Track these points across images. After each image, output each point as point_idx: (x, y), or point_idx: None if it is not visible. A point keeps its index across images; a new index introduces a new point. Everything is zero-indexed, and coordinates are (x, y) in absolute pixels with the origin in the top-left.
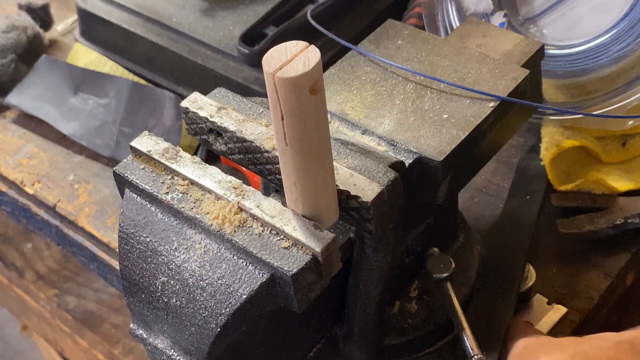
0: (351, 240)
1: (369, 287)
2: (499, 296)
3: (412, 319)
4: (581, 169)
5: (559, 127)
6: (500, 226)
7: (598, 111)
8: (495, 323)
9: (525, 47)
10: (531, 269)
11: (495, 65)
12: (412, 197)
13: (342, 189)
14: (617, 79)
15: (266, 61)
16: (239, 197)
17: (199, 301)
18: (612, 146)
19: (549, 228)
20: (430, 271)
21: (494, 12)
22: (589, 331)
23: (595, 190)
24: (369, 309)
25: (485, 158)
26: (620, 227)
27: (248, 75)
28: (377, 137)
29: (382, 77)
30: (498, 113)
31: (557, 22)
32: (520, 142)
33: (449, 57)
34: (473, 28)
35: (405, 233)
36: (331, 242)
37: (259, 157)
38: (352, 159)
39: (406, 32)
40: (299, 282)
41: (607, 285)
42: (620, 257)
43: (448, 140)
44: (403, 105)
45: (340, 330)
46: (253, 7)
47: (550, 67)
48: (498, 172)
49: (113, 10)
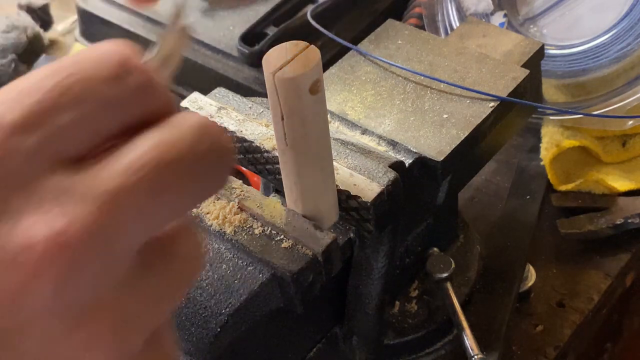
0: (351, 240)
1: (369, 287)
2: (499, 296)
3: (412, 319)
4: (581, 169)
5: (559, 127)
6: (500, 226)
7: (598, 111)
8: (495, 323)
9: (525, 47)
10: (531, 269)
11: (495, 65)
12: (412, 197)
13: (342, 189)
14: (617, 79)
15: (266, 61)
16: (239, 197)
17: (198, 301)
18: (612, 146)
19: (549, 228)
20: (431, 271)
21: (494, 12)
22: (590, 331)
23: (595, 190)
24: (369, 309)
25: (485, 158)
26: (620, 227)
27: (248, 75)
28: (377, 137)
29: (382, 77)
30: (498, 113)
31: (557, 22)
32: (520, 142)
33: (449, 57)
34: (473, 28)
35: (405, 233)
36: (331, 242)
37: (259, 157)
38: (352, 159)
39: (406, 32)
40: (299, 282)
41: (607, 286)
42: (621, 257)
43: (448, 140)
44: (403, 105)
45: (340, 330)
46: (253, 7)
47: (550, 67)
48: (498, 172)
49: (113, 10)
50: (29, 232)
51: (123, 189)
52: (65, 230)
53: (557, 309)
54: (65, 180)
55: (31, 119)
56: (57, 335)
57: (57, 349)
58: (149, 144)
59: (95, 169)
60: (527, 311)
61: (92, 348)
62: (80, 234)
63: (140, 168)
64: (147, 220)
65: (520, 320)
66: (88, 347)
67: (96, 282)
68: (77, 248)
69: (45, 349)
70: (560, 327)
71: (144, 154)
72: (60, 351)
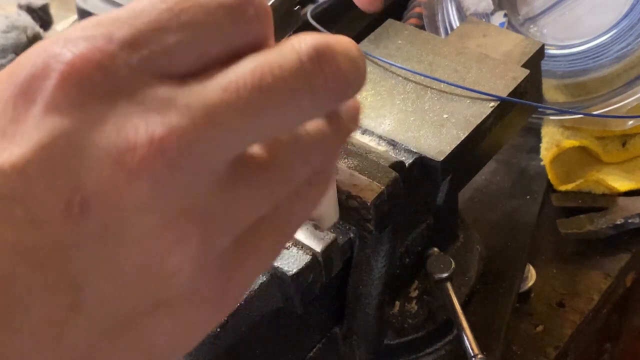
0: (351, 240)
1: (369, 287)
2: (499, 296)
3: (412, 319)
4: (581, 169)
5: (559, 127)
6: (500, 226)
7: (598, 111)
8: (495, 323)
9: (526, 47)
10: (531, 269)
11: (496, 65)
12: (412, 197)
13: (342, 189)
14: (617, 79)
15: None
16: None
17: None
18: (612, 146)
19: (549, 228)
20: (431, 271)
21: (494, 12)
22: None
23: (595, 190)
24: (369, 309)
25: (485, 158)
26: (621, 227)
27: None
28: (377, 137)
29: (382, 77)
30: (498, 113)
31: (557, 22)
32: (521, 142)
33: (449, 57)
34: (473, 28)
35: (405, 233)
36: (331, 242)
37: None
38: (352, 159)
39: (406, 32)
40: (299, 282)
41: (607, 286)
42: (621, 257)
43: (448, 140)
44: (403, 105)
45: (340, 330)
46: None
47: (550, 67)
48: (498, 172)
49: (113, 10)
50: (133, 135)
51: (220, 104)
52: (164, 136)
53: (557, 309)
54: (168, 92)
55: (139, 37)
56: (152, 231)
57: (151, 243)
58: (251, 65)
59: (197, 85)
60: (527, 311)
61: (182, 245)
62: (177, 141)
63: (239, 87)
64: (240, 136)
65: (520, 320)
66: (178, 243)
67: (188, 186)
68: (173, 153)
69: (142, 243)
70: (560, 327)
71: (244, 74)
72: (154, 246)
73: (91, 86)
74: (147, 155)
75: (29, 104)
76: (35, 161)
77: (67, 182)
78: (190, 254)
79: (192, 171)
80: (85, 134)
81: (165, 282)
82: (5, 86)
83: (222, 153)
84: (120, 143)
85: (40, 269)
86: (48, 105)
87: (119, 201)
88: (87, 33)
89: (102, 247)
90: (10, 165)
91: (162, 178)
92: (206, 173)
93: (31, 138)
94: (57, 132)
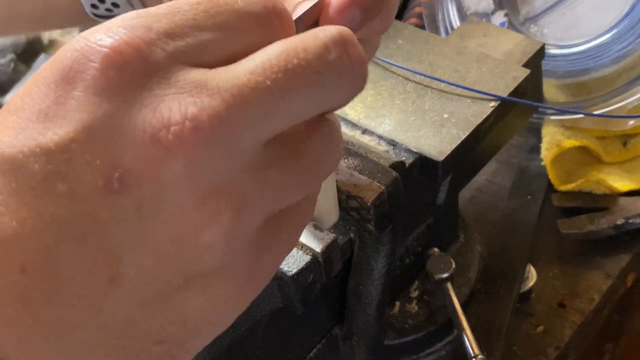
0: (351, 240)
1: (369, 287)
2: (499, 296)
3: (412, 319)
4: (582, 169)
5: (559, 127)
6: (501, 226)
7: (599, 111)
8: (495, 323)
9: (526, 47)
10: (532, 269)
11: (496, 64)
12: (413, 197)
13: (342, 189)
14: (617, 78)
15: None
16: None
17: None
18: (613, 146)
19: (549, 228)
20: (431, 271)
21: (495, 11)
22: (590, 332)
23: (596, 190)
24: (369, 309)
25: (485, 158)
26: (621, 228)
27: None
28: (377, 137)
29: (383, 76)
30: (498, 113)
31: (557, 22)
32: (521, 142)
33: (449, 56)
34: (473, 28)
35: (405, 233)
36: (331, 242)
37: None
38: (352, 159)
39: (406, 32)
40: (299, 282)
41: (608, 286)
42: (621, 258)
43: (448, 140)
44: (403, 105)
45: (340, 330)
46: None
47: (550, 67)
48: (498, 172)
49: None
50: (167, 115)
51: (248, 84)
52: (197, 116)
53: (557, 309)
54: (199, 76)
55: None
56: (186, 206)
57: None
58: (279, 48)
59: (228, 68)
60: (528, 311)
61: (215, 221)
62: (209, 121)
63: (266, 68)
64: (271, 117)
65: (520, 320)
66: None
67: (221, 163)
68: (206, 131)
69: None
70: (561, 327)
71: (270, 58)
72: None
73: (130, 70)
74: (181, 133)
75: (72, 87)
76: (77, 140)
77: (106, 160)
78: (223, 230)
79: (224, 148)
80: (124, 115)
81: (199, 256)
82: (49, 71)
83: (252, 132)
84: (155, 122)
85: (82, 242)
86: (89, 88)
87: (155, 177)
88: (127, 23)
89: (140, 222)
90: (55, 144)
91: (195, 155)
92: (238, 151)
93: (73, 119)
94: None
